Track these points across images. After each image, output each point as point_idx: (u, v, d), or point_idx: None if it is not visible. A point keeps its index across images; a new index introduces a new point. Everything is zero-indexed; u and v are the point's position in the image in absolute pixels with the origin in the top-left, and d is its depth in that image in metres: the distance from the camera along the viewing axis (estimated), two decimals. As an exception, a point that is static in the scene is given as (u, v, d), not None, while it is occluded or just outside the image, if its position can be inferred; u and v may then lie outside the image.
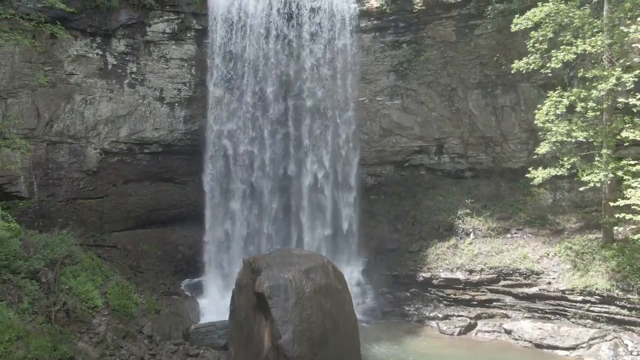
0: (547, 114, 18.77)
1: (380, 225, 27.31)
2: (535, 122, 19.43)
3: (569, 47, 18.25)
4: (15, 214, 21.09)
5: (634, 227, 16.98)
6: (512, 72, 20.89)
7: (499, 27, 23.65)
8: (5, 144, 18.97)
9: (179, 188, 27.44)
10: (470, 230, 24.96)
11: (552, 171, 19.52)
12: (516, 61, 20.37)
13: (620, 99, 17.50)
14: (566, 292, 19.77)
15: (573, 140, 18.22)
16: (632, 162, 16.78)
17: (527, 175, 20.52)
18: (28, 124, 21.62)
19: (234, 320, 16.74)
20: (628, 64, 17.60)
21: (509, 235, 24.01)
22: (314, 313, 14.83)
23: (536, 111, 19.69)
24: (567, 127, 18.18)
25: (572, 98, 18.17)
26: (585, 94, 17.95)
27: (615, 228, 19.60)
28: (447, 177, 28.04)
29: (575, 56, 18.17)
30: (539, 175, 19.77)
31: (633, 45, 16.86)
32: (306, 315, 14.69)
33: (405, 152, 28.01)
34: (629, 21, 17.87)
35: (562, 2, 19.00)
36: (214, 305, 23.30)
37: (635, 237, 16.49)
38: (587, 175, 17.85)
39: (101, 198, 24.59)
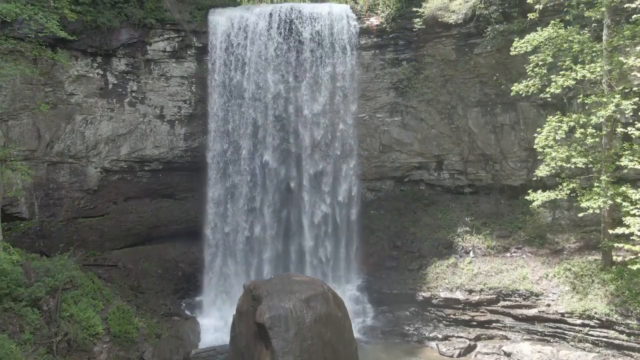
0: (546, 139, 18.81)
1: (380, 241, 27.35)
2: (535, 146, 19.45)
3: (568, 73, 18.31)
4: (16, 235, 21.25)
5: (632, 256, 17.01)
6: (511, 94, 20.90)
7: (498, 46, 23.70)
8: (6, 166, 19.02)
9: (179, 204, 27.49)
10: (470, 248, 25.03)
11: (552, 194, 19.57)
12: (516, 84, 20.42)
13: (620, 129, 17.54)
14: (565, 315, 19.85)
15: (573, 167, 18.26)
16: (632, 191, 16.79)
17: (527, 197, 20.54)
18: (29, 146, 21.67)
19: (234, 346, 16.81)
20: (627, 90, 17.64)
21: (508, 255, 24.10)
22: (315, 343, 14.91)
23: (536, 134, 19.73)
24: (567, 153, 18.23)
25: (572, 124, 18.23)
26: (585, 119, 18.02)
27: (614, 251, 19.69)
28: (446, 193, 28.15)
29: (574, 82, 18.22)
30: (538, 198, 19.81)
31: (632, 74, 16.89)
32: (306, 345, 14.76)
33: (405, 168, 28.10)
34: (628, 48, 17.96)
35: (562, 27, 19.06)
36: (215, 323, 23.45)
37: (634, 267, 16.53)
38: (586, 201, 17.90)
39: (101, 216, 24.64)
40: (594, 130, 17.88)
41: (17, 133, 21.22)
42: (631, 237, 16.42)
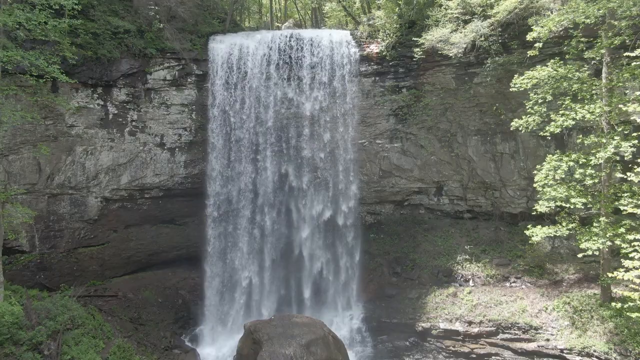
0: (546, 177, 18.87)
1: (379, 267, 27.42)
2: (535, 185, 19.50)
3: (568, 112, 18.36)
4: (16, 269, 21.29)
5: (631, 304, 17.07)
6: (511, 129, 20.94)
7: (498, 77, 23.74)
8: (7, 195, 19.03)
9: (179, 230, 27.53)
10: (470, 277, 25.11)
11: (551, 230, 19.62)
12: (516, 120, 20.47)
13: (619, 174, 17.59)
14: (564, 351, 19.92)
15: (572, 207, 18.32)
16: (631, 237, 16.84)
17: (526, 232, 20.58)
18: (29, 179, 21.71)
19: (235, 389, 16.86)
20: (627, 132, 17.70)
21: (507, 284, 24.18)
22: (315, 390, 14.97)
23: (535, 171, 19.78)
24: (566, 193, 18.29)
25: (571, 164, 18.28)
26: (584, 160, 18.07)
27: (613, 286, 19.77)
28: (446, 217, 28.25)
29: (574, 122, 18.28)
30: (537, 234, 19.85)
31: (632, 118, 16.95)
32: (307, 393, 14.83)
33: (405, 193, 28.19)
34: (628, 91, 18.03)
35: (561, 65, 19.11)
36: (215, 353, 23.53)
37: (634, 315, 16.59)
38: (585, 241, 17.95)
39: (102, 245, 24.68)
40: (593, 171, 17.92)
41: (17, 167, 21.25)
42: (631, 284, 16.45)
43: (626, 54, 16.77)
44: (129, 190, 25.07)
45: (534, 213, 21.23)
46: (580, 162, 18.17)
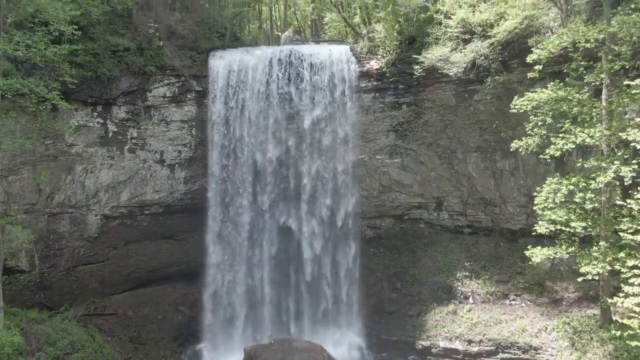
0: (546, 200, 18.86)
1: (379, 282, 27.43)
2: (535, 207, 19.50)
3: (568, 136, 18.35)
4: (16, 289, 21.28)
5: (630, 331, 17.07)
6: (511, 149, 20.94)
7: (498, 94, 23.73)
8: (7, 221, 19.06)
9: (179, 245, 27.52)
10: (469, 294, 25.12)
11: (551, 252, 19.61)
12: (516, 141, 20.46)
13: (619, 201, 17.59)
14: (564, 372, 19.95)
15: (572, 231, 18.32)
16: (631, 262, 16.84)
17: (526, 252, 20.55)
18: (29, 200, 21.70)
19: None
20: (626, 157, 17.70)
21: (507, 302, 24.20)
22: (315, 418, 14.98)
23: (535, 193, 19.77)
24: (566, 216, 18.29)
25: (571, 187, 18.28)
26: (584, 183, 18.06)
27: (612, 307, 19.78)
28: (446, 232, 28.25)
29: (574, 145, 18.27)
30: (537, 255, 19.83)
31: (632, 144, 16.95)
32: (307, 421, 14.84)
33: (405, 207, 28.20)
34: (627, 115, 18.04)
35: (561, 87, 19.08)
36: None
37: (633, 343, 16.61)
38: (585, 265, 17.95)
39: (102, 262, 24.68)
40: (593, 195, 17.92)
41: (17, 188, 21.25)
42: (630, 312, 16.45)
43: (626, 82, 16.76)
44: (128, 207, 25.05)
45: (534, 234, 21.26)
46: (581, 186, 18.15)
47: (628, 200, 16.76)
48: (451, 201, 27.16)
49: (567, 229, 18.34)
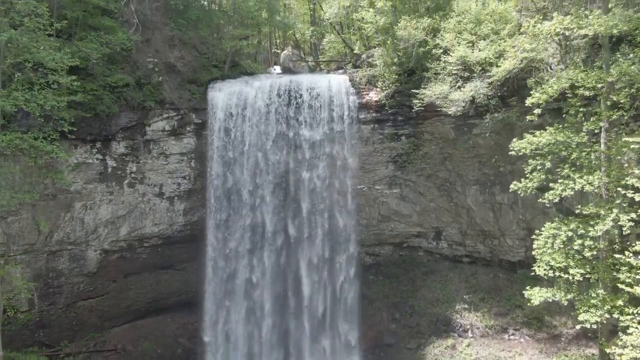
0: (545, 245, 18.85)
1: (378, 312, 27.47)
2: (534, 252, 19.50)
3: (567, 182, 18.34)
4: (15, 329, 21.29)
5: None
6: (510, 190, 20.93)
7: (497, 129, 23.74)
8: (6, 270, 19.09)
9: (178, 275, 27.52)
10: (468, 327, 25.17)
11: (550, 295, 19.60)
12: (515, 182, 20.30)
13: (617, 254, 17.60)
14: (563, 415, 19.99)
15: (570, 278, 18.31)
16: (630, 311, 16.87)
17: (525, 292, 20.53)
18: (28, 240, 21.69)
19: None
20: (625, 205, 17.69)
21: (506, 336, 24.25)
22: None
23: (534, 236, 19.74)
24: (564, 262, 18.28)
25: (570, 234, 18.26)
26: (583, 230, 18.05)
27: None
28: (445, 260, 28.29)
29: (572, 192, 18.26)
30: (536, 296, 19.81)
31: (630, 195, 16.96)
32: None
33: (404, 236, 28.25)
34: (626, 163, 18.04)
35: (560, 129, 19.05)
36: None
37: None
38: (583, 312, 17.95)
39: (101, 296, 24.70)
40: (591, 242, 17.90)
41: (16, 228, 21.24)
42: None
43: (625, 139, 16.77)
44: (128, 241, 25.07)
45: (533, 273, 21.27)
46: (579, 233, 18.14)
47: (626, 253, 16.75)
48: (450, 231, 27.20)
49: (566, 276, 18.33)
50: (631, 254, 16.53)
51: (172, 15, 24.10)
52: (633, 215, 17.22)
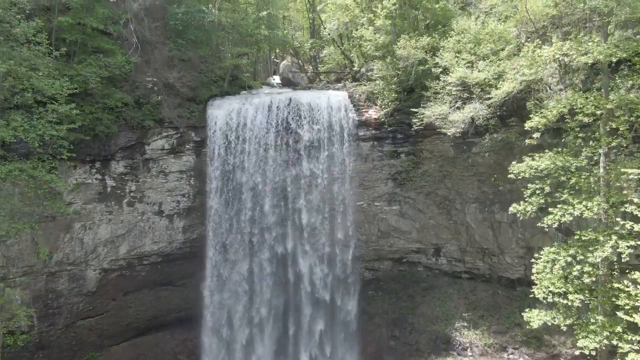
0: (544, 269, 18.85)
1: (378, 328, 27.51)
2: (532, 277, 19.49)
3: (566, 207, 18.33)
4: (14, 351, 21.29)
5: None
6: (509, 212, 20.93)
7: (497, 148, 23.72)
8: (4, 300, 19.10)
9: (177, 291, 27.53)
10: (467, 345, 25.18)
11: (549, 318, 19.60)
12: (514, 205, 20.30)
13: (616, 283, 17.60)
14: None
15: (570, 304, 18.31)
16: (629, 338, 16.88)
17: (524, 314, 20.56)
18: (28, 262, 21.67)
19: None
20: (624, 232, 17.68)
21: (505, 356, 24.27)
22: None
23: (533, 260, 19.75)
24: (563, 288, 18.28)
25: (569, 259, 18.26)
26: (582, 256, 18.04)
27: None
28: (444, 276, 28.30)
29: (572, 218, 18.26)
30: (535, 319, 19.82)
31: (628, 227, 16.97)
32: None
33: (403, 251, 28.28)
34: (625, 188, 18.03)
35: (560, 153, 19.03)
36: None
37: None
38: (582, 338, 17.97)
39: (101, 315, 24.69)
40: (590, 269, 17.91)
41: (15, 251, 21.22)
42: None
43: (623, 169, 16.77)
44: (127, 260, 25.07)
45: (532, 295, 21.29)
46: (578, 258, 18.13)
47: (625, 282, 16.76)
48: (449, 248, 27.22)
49: (565, 301, 18.33)
50: (630, 283, 16.51)
51: (172, 36, 24.06)
52: (632, 242, 17.22)
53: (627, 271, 17.43)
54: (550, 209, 18.95)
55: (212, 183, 25.75)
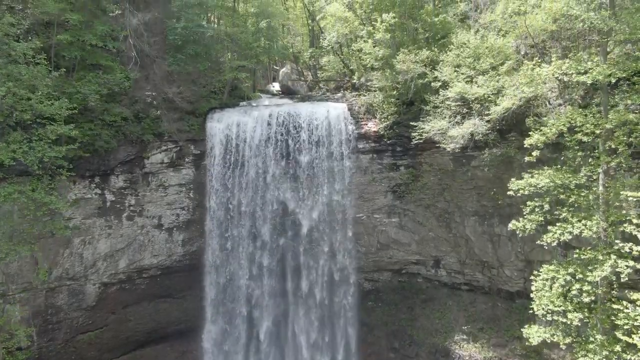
0: (543, 287, 18.85)
1: (378, 340, 27.56)
2: (531, 295, 19.49)
3: (565, 226, 18.33)
4: (14, 367, 21.26)
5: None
6: (508, 229, 20.93)
7: (496, 163, 23.72)
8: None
9: (177, 304, 27.56)
10: (467, 358, 25.20)
11: (548, 335, 19.62)
12: (514, 222, 20.31)
13: (615, 306, 17.61)
14: None
15: (568, 322, 18.33)
16: (628, 357, 16.90)
17: (523, 330, 20.58)
18: (27, 278, 21.69)
19: None
20: (624, 251, 17.68)
21: (504, 370, 24.30)
22: None
23: (533, 278, 19.75)
24: (562, 307, 18.29)
25: (568, 278, 18.27)
26: (581, 275, 18.05)
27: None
28: (444, 287, 28.32)
29: (571, 236, 18.26)
30: (534, 336, 19.83)
31: (627, 249, 16.98)
32: None
33: (403, 263, 28.30)
34: (625, 208, 18.03)
35: (560, 171, 19.02)
36: None
37: None
38: (582, 357, 17.99)
39: (100, 329, 24.71)
40: (589, 288, 17.91)
41: (15, 268, 21.23)
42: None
43: (623, 193, 16.77)
44: (127, 273, 25.09)
45: (531, 311, 21.30)
46: (577, 277, 18.14)
47: (624, 303, 16.77)
48: (449, 260, 27.24)
49: (564, 320, 18.34)
50: (629, 304, 16.52)
51: (171, 50, 24.04)
52: (631, 262, 17.22)
53: (627, 288, 17.41)
54: (549, 227, 18.95)
55: (212, 196, 25.76)
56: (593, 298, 18.22)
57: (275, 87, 41.86)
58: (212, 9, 27.53)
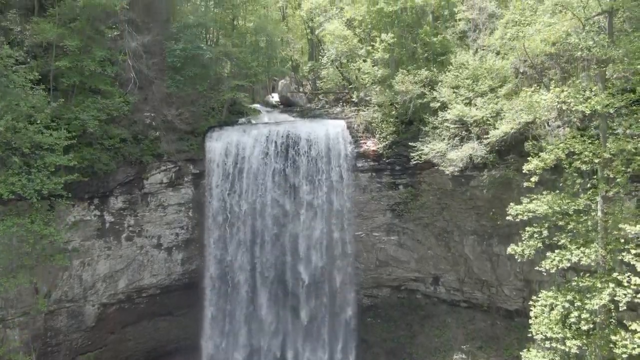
0: (542, 313, 18.86)
1: (377, 358, 27.55)
2: (530, 321, 19.50)
3: (563, 253, 18.35)
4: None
5: None
6: (506, 252, 20.95)
7: (495, 183, 23.73)
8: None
9: (176, 322, 27.57)
10: (466, 378, 25.26)
11: (546, 358, 19.65)
12: (512, 246, 20.34)
13: (613, 337, 17.63)
14: None
15: (567, 350, 18.35)
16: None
17: (522, 354, 20.61)
18: (26, 302, 21.64)
19: None
20: (622, 278, 17.69)
21: (503, 390, 24.33)
22: None
23: (531, 302, 19.76)
24: (561, 334, 18.30)
25: (566, 305, 18.28)
26: (579, 302, 18.07)
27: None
28: (443, 304, 28.33)
29: (569, 264, 18.28)
30: (532, 359, 19.87)
31: (625, 282, 17.00)
32: None
33: (402, 279, 28.35)
34: (623, 237, 18.03)
35: (558, 196, 19.01)
36: None
37: None
38: (580, 384, 18.05)
39: (100, 349, 24.72)
40: (588, 315, 17.93)
41: (14, 292, 21.17)
42: None
43: (620, 225, 16.78)
44: (126, 293, 25.11)
45: (530, 335, 21.32)
46: (576, 305, 18.16)
47: (623, 334, 16.79)
48: (448, 278, 27.27)
49: (563, 347, 18.36)
50: (627, 334, 16.53)
51: (170, 72, 24.04)
52: (630, 291, 17.22)
53: (627, 309, 17.42)
54: (548, 254, 18.97)
55: (211, 215, 25.77)
56: (592, 326, 18.23)
57: (275, 97, 41.80)
58: (211, 27, 27.51)
